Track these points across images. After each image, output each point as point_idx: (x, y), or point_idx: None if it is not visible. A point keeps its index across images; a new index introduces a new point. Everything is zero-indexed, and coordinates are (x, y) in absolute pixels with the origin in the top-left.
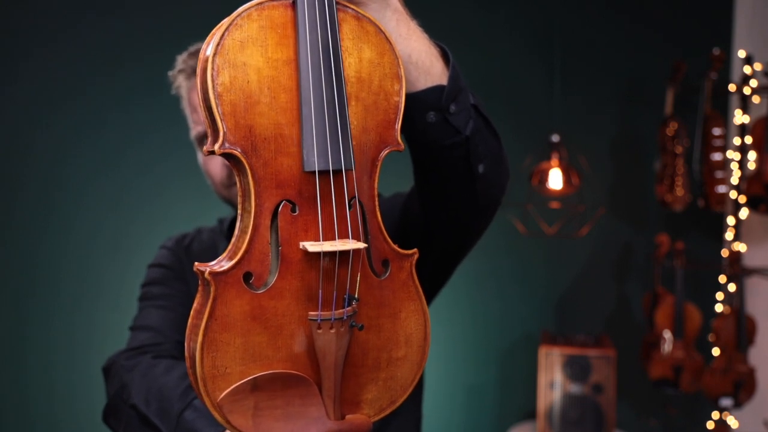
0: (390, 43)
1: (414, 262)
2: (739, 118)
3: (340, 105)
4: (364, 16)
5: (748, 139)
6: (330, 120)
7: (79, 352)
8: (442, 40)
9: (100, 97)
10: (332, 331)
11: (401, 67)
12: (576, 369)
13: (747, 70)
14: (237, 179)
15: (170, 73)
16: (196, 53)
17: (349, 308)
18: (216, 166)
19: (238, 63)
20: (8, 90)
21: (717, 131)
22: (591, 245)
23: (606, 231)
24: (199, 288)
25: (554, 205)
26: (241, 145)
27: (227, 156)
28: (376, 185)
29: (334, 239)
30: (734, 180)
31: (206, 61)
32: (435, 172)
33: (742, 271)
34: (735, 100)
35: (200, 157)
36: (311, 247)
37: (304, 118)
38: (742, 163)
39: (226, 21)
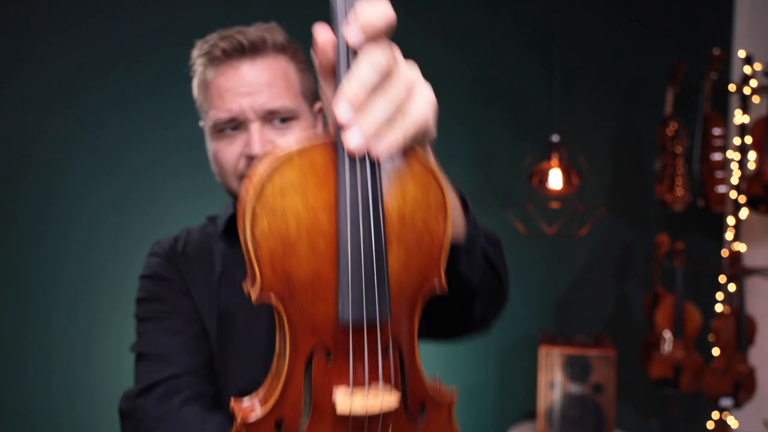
0: (435, 178)
1: (453, 405)
2: (739, 118)
3: (378, 256)
4: (409, 149)
5: (748, 139)
6: (367, 271)
7: (79, 352)
8: (442, 40)
9: (100, 97)
10: None
11: (447, 200)
12: (576, 369)
13: (747, 70)
14: (276, 321)
15: (194, 53)
16: (222, 39)
17: None
18: (229, 154)
19: (277, 210)
20: (8, 90)
21: (717, 131)
22: (591, 245)
23: (606, 231)
24: (233, 428)
25: (554, 205)
26: (277, 291)
27: (264, 302)
28: (416, 326)
29: (368, 386)
30: (734, 180)
31: (245, 207)
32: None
33: (742, 271)
34: (735, 100)
35: (211, 143)
36: (340, 406)
37: (341, 268)
38: (742, 163)
39: (266, 166)
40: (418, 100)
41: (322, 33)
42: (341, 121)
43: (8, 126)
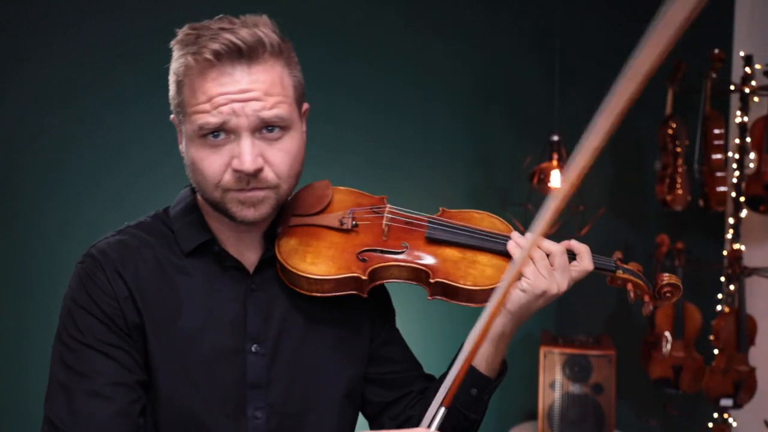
0: None
1: None
2: (739, 118)
3: None
4: None
5: (748, 139)
6: None
7: None
8: (443, 40)
9: (100, 97)
10: None
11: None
12: (576, 369)
13: (747, 70)
14: None
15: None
16: (201, 28)
17: None
18: (214, 165)
19: None
20: (8, 90)
21: (717, 131)
22: (591, 245)
23: (606, 231)
24: None
25: None
26: None
27: None
28: None
29: None
30: (734, 180)
31: None
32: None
33: (742, 271)
34: (735, 100)
35: (190, 148)
36: None
37: None
38: (742, 163)
39: None
40: None
41: None
42: None
43: (8, 126)
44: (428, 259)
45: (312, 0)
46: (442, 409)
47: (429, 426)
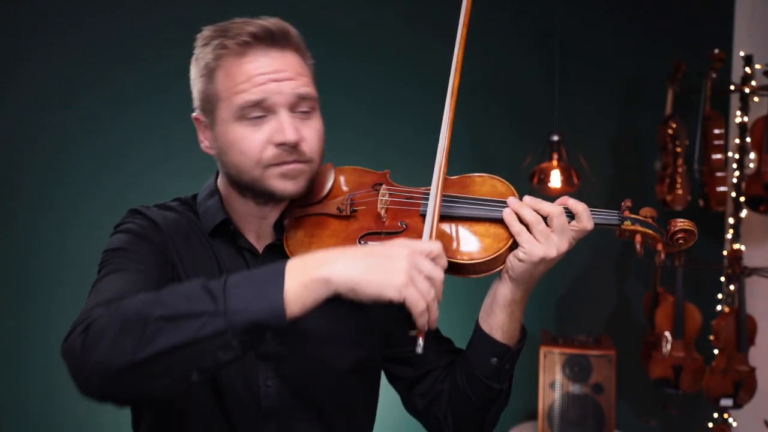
0: None
1: None
2: (739, 118)
3: None
4: None
5: (748, 139)
6: None
7: None
8: (443, 39)
9: (100, 97)
10: None
11: None
12: (576, 369)
13: (747, 70)
14: None
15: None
16: (224, 31)
17: None
18: (255, 141)
19: None
20: (8, 90)
21: (717, 131)
22: (591, 245)
23: (606, 231)
24: None
25: None
26: None
27: None
28: None
29: None
30: (734, 180)
31: None
32: (461, 399)
33: (742, 271)
34: (735, 100)
35: (230, 129)
36: None
37: None
38: (742, 163)
39: None
40: None
41: None
42: None
43: (8, 126)
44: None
45: (312, 0)
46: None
47: None
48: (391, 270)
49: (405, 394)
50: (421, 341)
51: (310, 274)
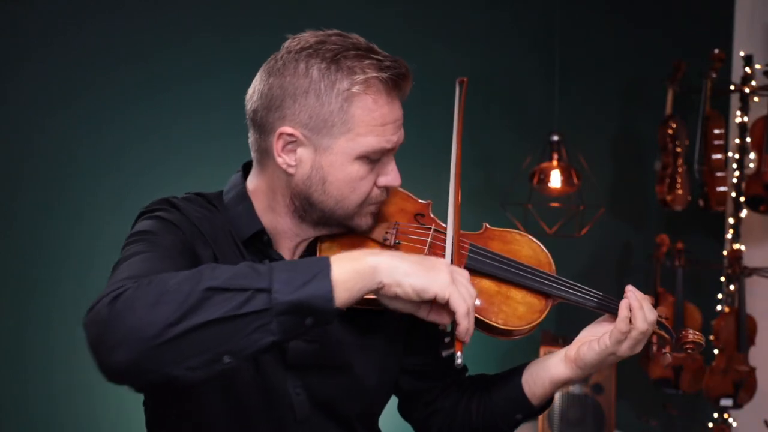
0: None
1: None
2: (739, 118)
3: None
4: None
5: (748, 139)
6: None
7: (79, 352)
8: (443, 39)
9: (101, 97)
10: None
11: None
12: None
13: (747, 70)
14: None
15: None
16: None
17: None
18: (369, 183)
19: None
20: (8, 90)
21: (717, 131)
22: (591, 245)
23: (606, 231)
24: None
25: (554, 205)
26: None
27: None
28: None
29: None
30: (734, 180)
31: None
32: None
33: (742, 271)
34: (735, 100)
35: (351, 167)
36: None
37: None
38: (742, 163)
39: None
40: None
41: None
42: None
43: (8, 126)
44: None
45: (312, 0)
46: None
47: None
48: (436, 270)
49: (404, 401)
50: (459, 354)
51: (359, 262)
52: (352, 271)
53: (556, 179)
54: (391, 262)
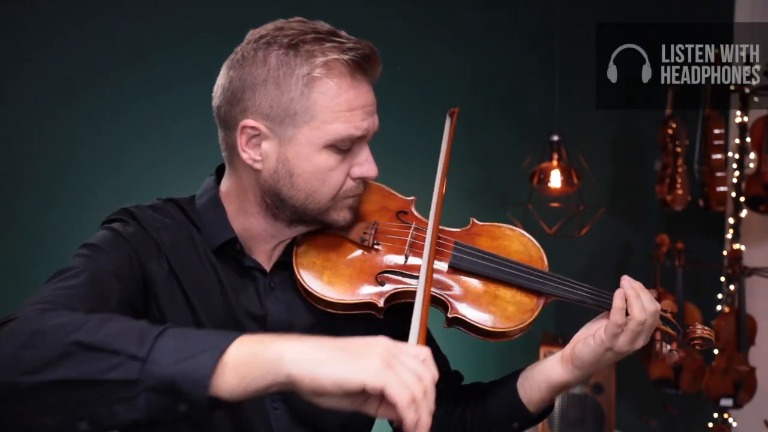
0: None
1: None
2: (739, 118)
3: None
4: None
5: (749, 139)
6: None
7: None
8: (443, 39)
9: (101, 97)
10: None
11: None
12: None
13: (747, 70)
14: None
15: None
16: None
17: None
18: (341, 173)
19: None
20: (8, 90)
21: (717, 131)
22: (591, 245)
23: (606, 231)
24: None
25: (554, 205)
26: None
27: None
28: None
29: None
30: (734, 180)
31: None
32: None
33: (742, 271)
34: (735, 100)
35: (318, 156)
36: None
37: None
38: (742, 163)
39: None
40: None
41: None
42: None
43: (8, 126)
44: (448, 289)
45: (312, 0)
46: None
47: None
48: (363, 354)
49: None
50: None
51: (261, 346)
52: (249, 355)
53: (556, 179)
54: (300, 349)
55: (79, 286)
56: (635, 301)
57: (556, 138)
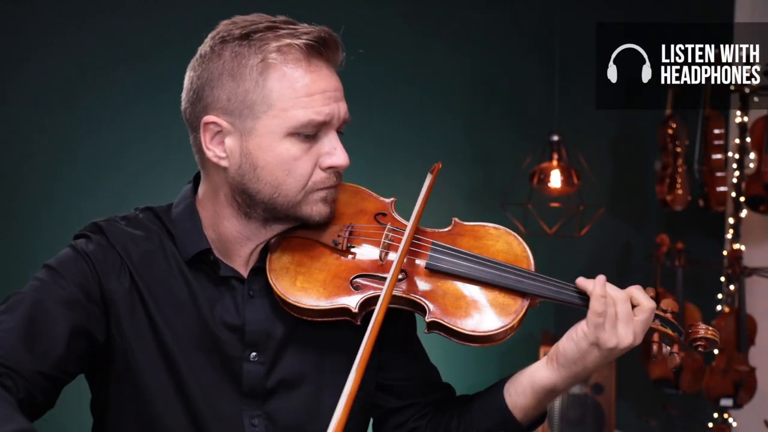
0: None
1: None
2: (739, 118)
3: None
4: None
5: (749, 139)
6: None
7: None
8: (442, 39)
9: (100, 97)
10: None
11: None
12: None
13: (747, 69)
14: None
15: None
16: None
17: None
18: (307, 164)
19: None
20: (8, 90)
21: (717, 131)
22: (591, 245)
23: (606, 231)
24: None
25: (554, 205)
26: None
27: None
28: None
29: None
30: (734, 180)
31: None
32: None
33: (742, 271)
34: (735, 100)
35: (281, 146)
36: None
37: None
38: (742, 163)
39: None
40: None
41: None
42: None
43: (8, 126)
44: (427, 293)
45: (311, 0)
46: None
47: None
48: None
49: (379, 421)
50: None
51: None
52: None
53: (556, 179)
54: None
55: (13, 329)
56: (597, 283)
57: (556, 138)
